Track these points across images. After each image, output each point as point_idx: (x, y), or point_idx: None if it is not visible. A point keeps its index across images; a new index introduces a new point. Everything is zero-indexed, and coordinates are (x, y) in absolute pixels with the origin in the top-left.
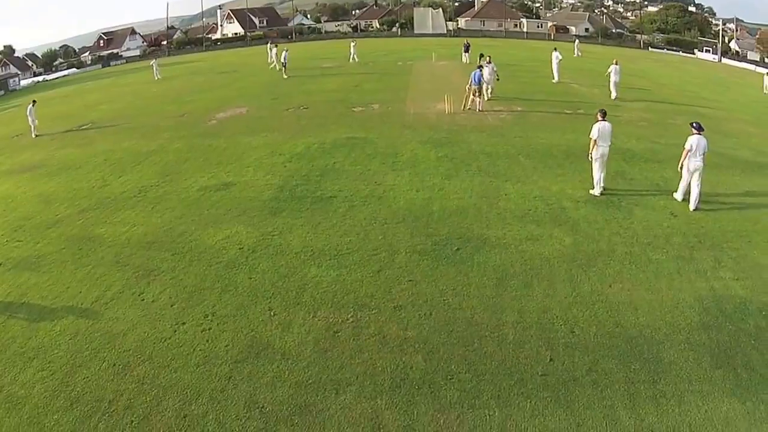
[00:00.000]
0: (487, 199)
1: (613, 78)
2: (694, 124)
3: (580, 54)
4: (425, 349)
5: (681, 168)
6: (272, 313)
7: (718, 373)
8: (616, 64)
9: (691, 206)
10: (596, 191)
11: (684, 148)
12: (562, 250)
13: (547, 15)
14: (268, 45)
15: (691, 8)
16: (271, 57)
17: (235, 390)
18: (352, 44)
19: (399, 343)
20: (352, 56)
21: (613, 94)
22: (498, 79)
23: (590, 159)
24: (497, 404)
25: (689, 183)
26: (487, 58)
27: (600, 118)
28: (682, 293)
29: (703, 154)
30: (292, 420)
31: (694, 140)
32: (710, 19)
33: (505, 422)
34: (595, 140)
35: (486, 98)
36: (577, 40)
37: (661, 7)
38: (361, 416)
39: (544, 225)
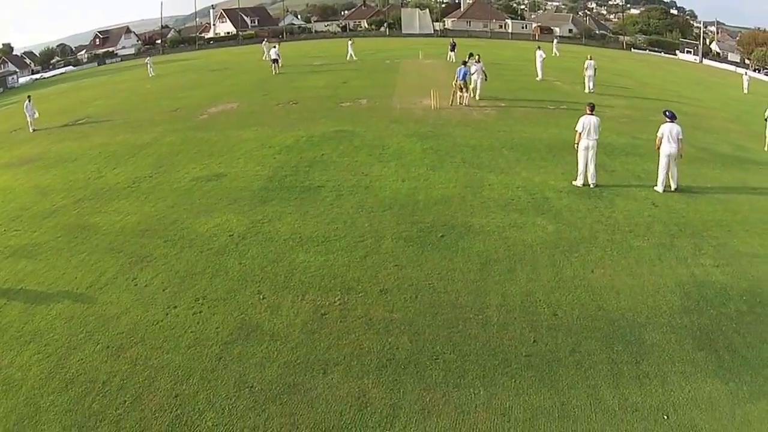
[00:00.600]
0: (471, 189)
1: (588, 72)
2: (667, 113)
3: (558, 53)
4: (411, 330)
5: (658, 149)
6: (261, 297)
7: (700, 355)
8: (591, 59)
9: (672, 186)
10: (579, 182)
11: (657, 136)
12: (544, 237)
13: (532, 16)
14: (264, 43)
15: (673, 11)
16: (266, 55)
17: (225, 370)
18: (350, 43)
19: (385, 324)
20: (350, 54)
21: (590, 88)
22: (486, 79)
23: (576, 149)
24: (482, 383)
25: (667, 172)
26: (476, 57)
27: (588, 112)
28: (664, 279)
29: (679, 141)
30: (281, 399)
31: (666, 128)
32: (692, 22)
33: (490, 401)
34: (580, 132)
35: (473, 95)
36: (555, 40)
37: (644, 9)
38: (348, 395)
39: (527, 213)
